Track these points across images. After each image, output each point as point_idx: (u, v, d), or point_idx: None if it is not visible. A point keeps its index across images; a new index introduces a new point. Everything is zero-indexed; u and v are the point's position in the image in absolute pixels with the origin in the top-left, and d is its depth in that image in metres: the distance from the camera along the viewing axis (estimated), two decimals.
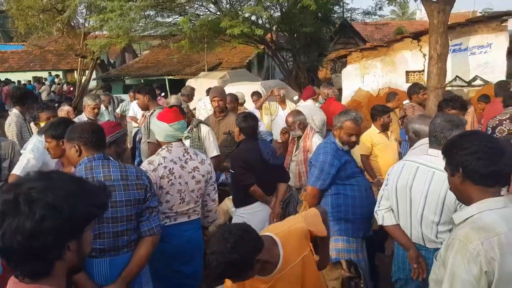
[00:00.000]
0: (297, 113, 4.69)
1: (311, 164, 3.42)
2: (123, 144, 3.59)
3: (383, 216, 2.82)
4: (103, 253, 2.35)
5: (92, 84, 20.66)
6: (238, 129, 3.96)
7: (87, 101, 5.42)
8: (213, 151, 4.41)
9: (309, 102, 6.56)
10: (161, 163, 2.97)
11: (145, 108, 5.01)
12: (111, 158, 2.51)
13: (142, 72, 19.41)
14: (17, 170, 3.54)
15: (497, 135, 4.28)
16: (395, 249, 2.90)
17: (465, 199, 1.80)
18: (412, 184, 2.63)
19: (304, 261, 2.10)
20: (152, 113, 4.55)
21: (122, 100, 9.73)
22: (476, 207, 1.70)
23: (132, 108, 8.04)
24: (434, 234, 2.58)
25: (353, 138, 3.40)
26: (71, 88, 20.82)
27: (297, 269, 2.08)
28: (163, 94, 12.21)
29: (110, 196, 1.36)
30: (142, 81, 18.50)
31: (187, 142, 4.31)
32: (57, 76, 24.54)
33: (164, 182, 2.95)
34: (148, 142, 4.40)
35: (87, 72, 18.49)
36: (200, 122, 4.56)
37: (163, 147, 3.10)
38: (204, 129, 4.45)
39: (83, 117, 5.39)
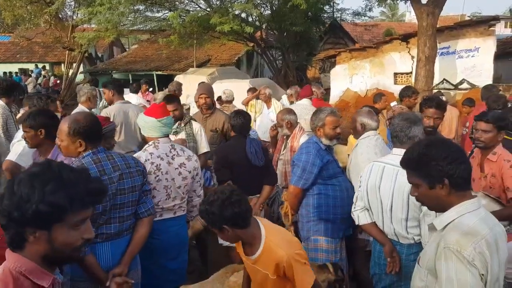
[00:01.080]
0: (288, 111, 4.66)
1: (294, 164, 3.42)
2: (112, 139, 3.57)
3: (358, 215, 2.94)
4: (109, 237, 2.49)
5: (79, 77, 20.39)
6: (229, 126, 4.06)
7: (91, 92, 5.55)
8: (204, 147, 4.40)
9: (305, 101, 6.52)
10: (148, 159, 2.95)
11: (110, 102, 5.19)
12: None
13: (130, 66, 19.22)
14: (13, 157, 3.56)
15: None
16: (372, 245, 3.01)
17: (443, 207, 1.77)
18: (380, 183, 2.76)
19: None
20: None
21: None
22: (455, 211, 1.71)
23: None
24: (405, 229, 2.70)
25: (338, 130, 3.45)
26: (58, 81, 20.52)
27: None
28: (151, 89, 12.09)
29: (88, 199, 1.33)
30: (130, 76, 18.31)
31: (181, 135, 4.30)
32: (44, 68, 24.16)
33: (151, 178, 2.93)
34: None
35: (74, 65, 18.25)
36: (192, 118, 4.53)
37: (150, 143, 3.07)
38: (195, 125, 4.43)
39: (83, 108, 5.32)
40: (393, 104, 7.86)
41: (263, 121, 7.02)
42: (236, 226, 2.09)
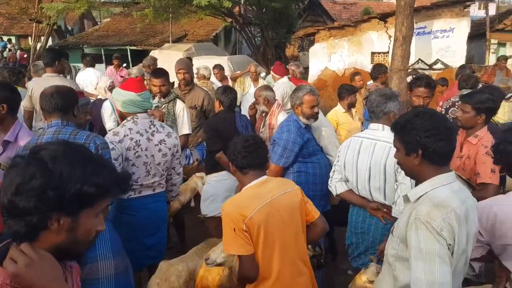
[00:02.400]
0: (265, 88, 4.65)
1: (274, 142, 3.42)
2: (83, 115, 3.45)
3: (335, 186, 3.06)
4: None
5: None
6: (219, 101, 3.99)
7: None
8: (186, 129, 4.29)
9: (286, 79, 6.48)
10: (127, 135, 2.87)
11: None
12: (68, 123, 2.51)
13: (102, 41, 18.59)
14: None
15: (449, 116, 4.43)
16: (349, 216, 3.11)
17: (417, 177, 1.84)
18: (358, 156, 2.88)
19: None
20: None
21: (79, 69, 9.32)
22: (429, 183, 1.76)
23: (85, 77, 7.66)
24: (383, 197, 2.84)
25: (316, 109, 3.46)
26: (25, 55, 19.68)
27: None
28: (124, 65, 11.76)
29: (118, 184, 1.23)
30: (102, 51, 17.74)
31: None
32: (10, 41, 23.10)
33: (130, 154, 2.87)
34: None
35: (42, 38, 17.51)
36: (177, 97, 4.39)
37: (128, 118, 2.98)
38: (179, 105, 4.29)
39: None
40: (369, 83, 7.91)
41: (248, 99, 6.96)
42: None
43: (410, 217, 1.73)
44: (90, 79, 7.48)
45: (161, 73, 4.24)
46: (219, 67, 7.74)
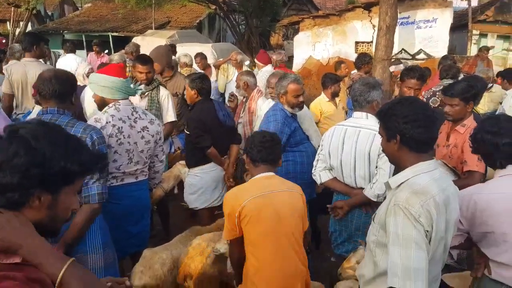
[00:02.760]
0: (247, 73, 4.71)
1: None
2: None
3: (319, 174, 3.08)
4: None
5: None
6: (196, 91, 3.82)
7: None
8: (171, 116, 4.24)
9: (270, 67, 6.46)
10: (109, 121, 2.82)
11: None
12: (64, 112, 2.37)
13: (83, 26, 18.18)
14: None
15: (430, 105, 4.47)
16: (333, 204, 3.12)
17: (398, 163, 1.87)
18: (343, 145, 2.90)
19: None
20: None
21: (60, 55, 9.11)
22: (410, 171, 1.79)
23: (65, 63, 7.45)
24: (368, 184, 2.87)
25: (301, 98, 3.44)
26: (3, 41, 19.11)
27: None
28: (106, 51, 11.54)
29: (96, 162, 1.26)
30: (83, 37, 17.36)
31: (144, 102, 4.13)
32: None
33: (112, 141, 2.82)
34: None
35: (21, 23, 17.01)
36: (160, 84, 4.33)
37: (110, 105, 2.92)
38: (163, 92, 4.23)
39: None
40: (353, 72, 7.93)
41: (232, 87, 6.94)
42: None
43: (389, 204, 1.75)
44: (71, 65, 7.31)
45: (147, 60, 4.16)
46: (201, 56, 7.68)
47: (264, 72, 6.14)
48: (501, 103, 6.47)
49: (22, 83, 4.48)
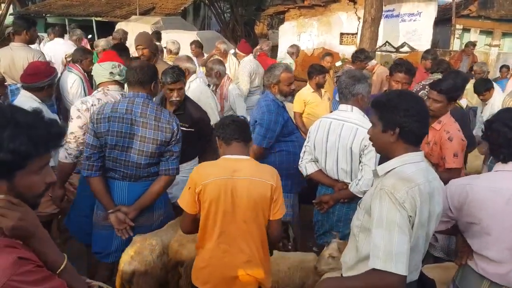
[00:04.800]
0: (218, 62, 4.85)
1: (257, 123, 3.39)
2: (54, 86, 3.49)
3: (305, 166, 3.12)
4: (125, 178, 2.71)
5: (9, 20, 18.60)
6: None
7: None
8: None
9: (251, 57, 6.50)
10: (95, 104, 2.85)
11: None
12: (151, 98, 2.77)
13: (66, 10, 17.77)
14: None
15: None
16: (317, 195, 3.18)
17: (387, 153, 1.89)
18: (328, 138, 2.93)
19: None
20: None
21: (43, 39, 8.93)
22: (398, 160, 1.83)
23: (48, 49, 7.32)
24: (349, 179, 2.92)
25: (293, 86, 3.48)
26: None
27: None
28: (90, 36, 11.33)
29: (46, 143, 1.26)
30: (66, 21, 17.00)
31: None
32: None
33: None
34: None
35: (2, 6, 16.58)
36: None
37: (99, 89, 2.97)
38: None
39: None
40: (338, 63, 8.01)
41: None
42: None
43: (375, 189, 1.80)
44: (59, 50, 7.20)
45: (119, 53, 4.15)
46: (196, 44, 7.61)
47: (246, 62, 6.19)
48: None
49: (11, 68, 4.43)
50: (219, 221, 2.20)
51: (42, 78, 3.32)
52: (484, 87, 5.47)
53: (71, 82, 4.47)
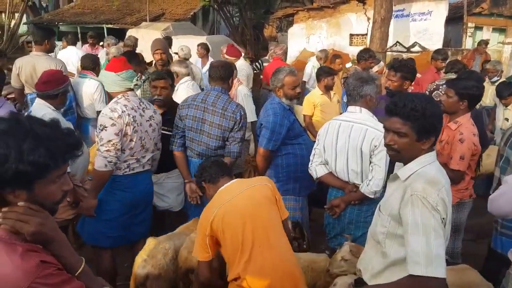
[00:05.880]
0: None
1: (262, 126, 3.42)
2: (68, 94, 3.59)
3: (315, 169, 3.13)
4: (199, 156, 3.30)
5: (23, 29, 18.96)
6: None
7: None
8: None
9: (243, 60, 6.68)
10: (124, 111, 2.95)
11: None
12: (225, 92, 3.31)
13: (78, 18, 18.03)
14: None
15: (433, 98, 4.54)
16: (327, 197, 3.18)
17: (411, 159, 1.87)
18: (337, 140, 2.94)
19: None
20: None
21: (55, 47, 9.08)
22: (417, 162, 1.85)
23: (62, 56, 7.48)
24: (360, 180, 2.91)
25: (298, 89, 3.49)
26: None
27: None
28: (101, 43, 11.47)
29: (65, 154, 1.30)
30: (78, 29, 17.26)
31: (137, 93, 4.22)
32: None
33: (129, 129, 2.95)
34: None
35: (16, 15, 16.88)
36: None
37: (119, 96, 3.03)
38: None
39: None
40: (348, 65, 8.00)
41: None
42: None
43: (404, 195, 1.79)
44: (72, 58, 7.36)
45: (129, 60, 4.23)
46: (202, 45, 7.73)
47: (243, 66, 6.41)
48: None
49: (32, 77, 4.53)
50: (246, 238, 2.21)
51: (56, 85, 3.39)
52: (508, 91, 5.38)
53: (94, 87, 4.57)
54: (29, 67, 4.60)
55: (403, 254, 1.77)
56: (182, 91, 4.46)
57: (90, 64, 4.85)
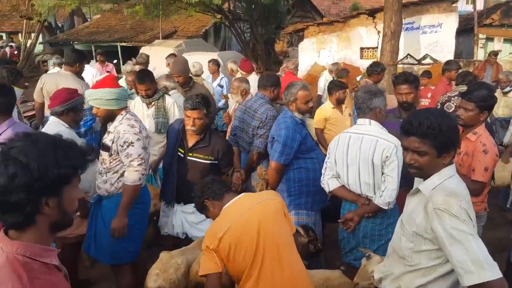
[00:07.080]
0: (243, 80, 4.93)
1: (274, 140, 3.43)
2: (81, 112, 3.56)
3: (328, 183, 3.11)
4: (243, 151, 4.10)
5: (39, 48, 19.45)
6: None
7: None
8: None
9: (255, 75, 6.69)
10: (140, 126, 3.06)
11: None
12: (264, 97, 3.96)
13: (92, 37, 18.46)
14: None
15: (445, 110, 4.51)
16: (341, 211, 3.16)
17: (431, 174, 1.87)
18: (348, 152, 2.95)
19: None
20: None
21: None
22: (439, 176, 1.85)
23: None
24: (372, 192, 2.90)
25: (310, 104, 3.50)
26: (15, 52, 19.49)
27: None
28: (115, 61, 11.71)
29: (86, 158, 1.38)
30: (92, 47, 17.64)
31: (151, 110, 4.37)
32: (1, 38, 22.81)
33: (146, 142, 3.07)
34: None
35: (33, 35, 17.35)
36: (165, 93, 4.51)
37: (123, 112, 3.07)
38: (168, 100, 4.43)
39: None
40: (358, 78, 8.02)
41: None
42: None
43: (427, 210, 1.80)
44: (87, 76, 7.56)
45: (144, 78, 4.33)
46: (213, 62, 7.85)
47: (251, 80, 6.35)
48: None
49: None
50: (258, 254, 2.19)
51: (61, 102, 3.38)
52: None
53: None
54: (53, 84, 4.72)
55: (432, 263, 1.82)
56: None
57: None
